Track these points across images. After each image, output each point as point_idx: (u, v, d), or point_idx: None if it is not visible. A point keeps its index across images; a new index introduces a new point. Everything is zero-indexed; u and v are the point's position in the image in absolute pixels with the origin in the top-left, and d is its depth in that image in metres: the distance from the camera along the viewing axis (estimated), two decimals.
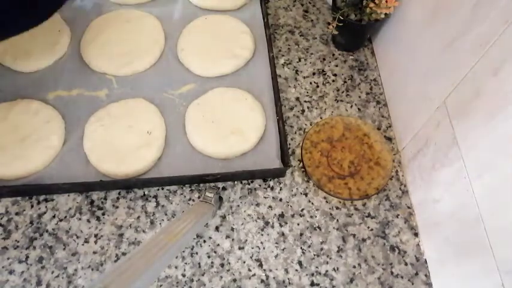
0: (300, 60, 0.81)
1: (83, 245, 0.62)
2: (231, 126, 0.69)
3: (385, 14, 0.69)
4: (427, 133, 0.62)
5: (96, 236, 0.63)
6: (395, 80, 0.75)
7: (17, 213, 0.64)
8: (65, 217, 0.64)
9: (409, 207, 0.68)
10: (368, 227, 0.66)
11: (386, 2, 0.66)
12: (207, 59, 0.76)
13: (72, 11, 0.81)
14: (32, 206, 0.65)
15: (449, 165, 0.55)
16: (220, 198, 0.66)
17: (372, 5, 0.68)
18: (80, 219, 0.64)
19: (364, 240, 0.65)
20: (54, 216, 0.64)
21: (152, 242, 0.45)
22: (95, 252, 0.62)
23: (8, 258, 0.61)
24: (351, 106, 0.77)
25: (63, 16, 0.79)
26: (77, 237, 0.63)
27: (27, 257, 0.61)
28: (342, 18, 0.71)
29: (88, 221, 0.64)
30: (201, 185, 0.68)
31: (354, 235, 0.65)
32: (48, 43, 0.76)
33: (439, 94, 0.58)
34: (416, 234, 0.66)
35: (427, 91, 0.62)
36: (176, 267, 0.61)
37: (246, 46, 0.77)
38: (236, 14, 0.82)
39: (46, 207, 0.65)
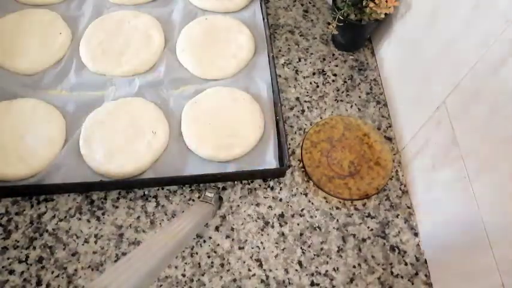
0: (300, 60, 0.81)
1: (83, 245, 0.62)
2: (228, 129, 0.69)
3: (385, 14, 0.69)
4: (427, 133, 0.62)
5: (96, 236, 0.63)
6: (396, 80, 0.75)
7: (17, 213, 0.64)
8: (65, 217, 0.64)
9: (409, 207, 0.68)
10: (368, 227, 0.66)
11: (386, 2, 0.66)
12: (207, 59, 0.76)
13: (72, 12, 0.81)
14: (32, 206, 0.65)
15: (449, 165, 0.55)
16: (220, 198, 0.66)
17: (371, 5, 0.68)
18: (80, 219, 0.64)
19: (364, 240, 0.65)
20: (54, 216, 0.64)
21: (152, 242, 0.45)
22: (94, 252, 0.62)
23: (8, 258, 0.61)
24: (351, 106, 0.77)
25: (64, 17, 0.79)
26: (77, 237, 0.63)
27: (27, 257, 0.61)
28: (342, 18, 0.71)
29: (88, 221, 0.64)
30: (201, 185, 0.68)
31: (354, 235, 0.65)
32: (49, 45, 0.76)
33: (439, 94, 0.58)
34: (416, 234, 0.66)
35: (427, 91, 0.62)
36: (176, 267, 0.61)
37: (246, 47, 0.77)
38: (236, 14, 0.82)
39: (46, 207, 0.65)
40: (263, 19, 0.81)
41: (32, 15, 0.79)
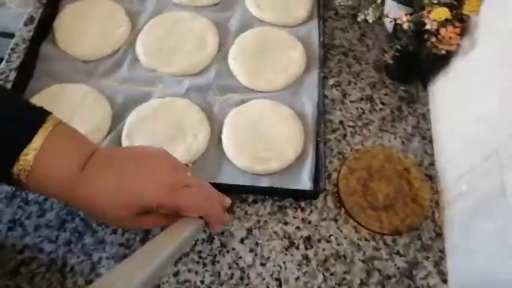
0: (349, 83, 0.80)
1: (110, 235, 0.63)
2: (267, 142, 0.69)
3: (446, 50, 0.67)
4: (472, 179, 0.60)
5: (124, 228, 0.64)
6: (446, 118, 0.72)
7: None
8: None
9: (441, 251, 0.65)
10: (395, 265, 0.64)
11: (450, 38, 0.64)
12: (257, 71, 0.76)
13: (135, 6, 0.83)
14: None
15: (493, 218, 0.53)
16: None
17: (433, 39, 0.66)
18: None
19: (389, 277, 0.63)
20: None
21: (152, 245, 0.45)
22: (120, 245, 0.63)
23: (39, 236, 0.63)
24: (395, 138, 0.75)
25: (126, 11, 0.82)
26: (106, 226, 0.64)
27: (57, 238, 0.63)
28: (399, 48, 0.70)
29: None
30: (233, 194, 0.68)
31: (379, 270, 0.64)
32: (108, 35, 0.78)
33: (492, 142, 0.55)
34: (445, 281, 0.63)
35: (480, 136, 0.60)
36: (196, 273, 0.61)
37: (297, 63, 0.77)
38: (292, 29, 0.82)
39: None
40: (319, 38, 0.80)
41: (99, 5, 0.82)
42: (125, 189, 0.46)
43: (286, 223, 0.66)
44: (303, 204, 0.68)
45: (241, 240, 0.64)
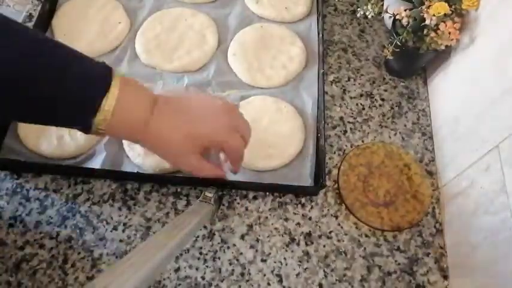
0: (349, 79, 0.80)
1: (111, 231, 0.63)
2: (268, 139, 0.69)
3: (446, 45, 0.66)
4: (473, 174, 0.60)
5: (125, 224, 0.64)
6: (446, 114, 0.72)
7: (54, 191, 0.66)
8: (98, 201, 0.66)
9: (441, 248, 0.65)
10: (395, 261, 0.64)
11: (449, 34, 0.64)
12: (256, 67, 0.76)
13: (134, 3, 0.83)
14: (69, 186, 0.66)
15: (494, 214, 0.53)
16: (220, 198, 0.65)
17: (433, 34, 0.66)
18: (112, 205, 0.65)
19: (389, 273, 0.63)
20: (88, 199, 0.66)
21: (152, 242, 0.46)
22: (121, 241, 0.63)
23: (40, 233, 0.63)
24: (395, 134, 0.75)
25: (125, 8, 0.82)
26: (107, 223, 0.64)
27: (57, 235, 0.63)
28: (399, 44, 0.69)
29: (119, 208, 0.65)
30: (233, 190, 0.68)
31: (380, 266, 0.64)
32: (107, 32, 0.78)
33: (493, 137, 0.55)
34: (445, 277, 0.63)
35: (480, 131, 0.60)
36: (197, 269, 0.61)
37: (297, 59, 0.77)
38: (292, 25, 0.82)
39: (82, 189, 0.66)
40: (318, 34, 0.80)
41: (98, 2, 0.81)
42: (194, 128, 0.52)
43: (286, 219, 0.66)
44: (303, 200, 0.68)
45: (242, 237, 0.64)
